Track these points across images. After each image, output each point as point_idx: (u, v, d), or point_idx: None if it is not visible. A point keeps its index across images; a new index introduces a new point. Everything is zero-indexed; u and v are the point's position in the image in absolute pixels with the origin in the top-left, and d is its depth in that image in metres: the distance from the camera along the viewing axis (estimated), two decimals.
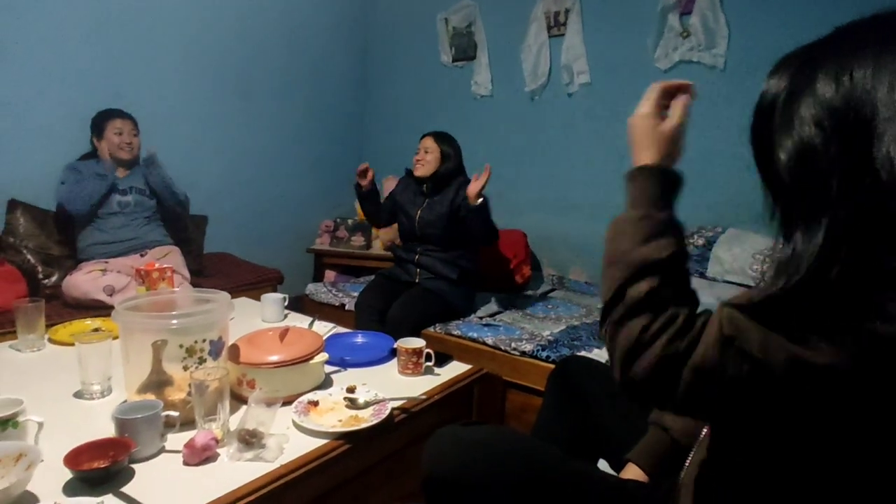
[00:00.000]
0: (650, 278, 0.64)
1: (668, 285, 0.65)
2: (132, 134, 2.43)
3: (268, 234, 3.38)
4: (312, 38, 3.47)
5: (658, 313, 0.62)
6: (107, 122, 2.38)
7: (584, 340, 2.02)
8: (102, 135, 2.38)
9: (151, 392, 1.16)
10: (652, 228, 0.69)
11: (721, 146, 2.56)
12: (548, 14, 2.99)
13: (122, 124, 2.40)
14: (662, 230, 0.69)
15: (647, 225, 0.69)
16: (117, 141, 2.38)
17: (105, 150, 2.38)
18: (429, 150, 2.36)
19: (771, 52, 2.49)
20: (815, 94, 0.58)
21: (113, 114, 2.41)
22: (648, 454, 0.98)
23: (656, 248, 0.66)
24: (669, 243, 0.67)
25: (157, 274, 1.65)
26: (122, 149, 2.39)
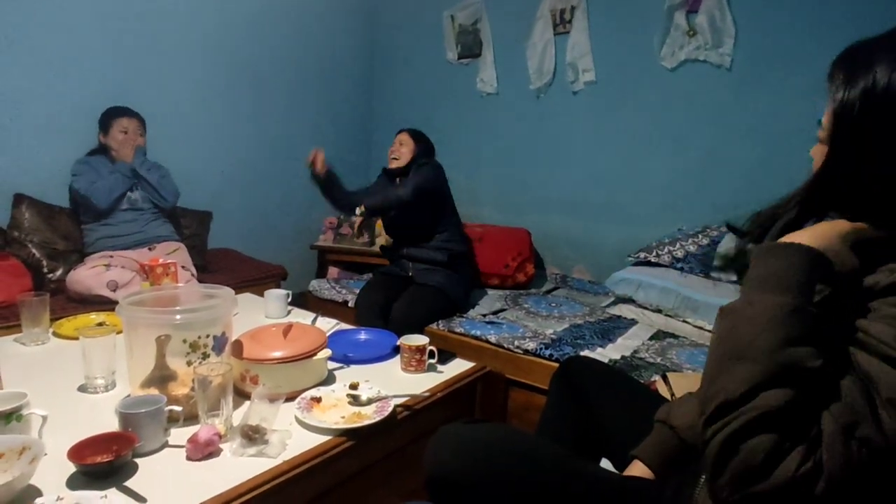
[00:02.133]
0: (792, 388, 0.56)
1: (812, 399, 0.57)
2: (137, 133, 2.44)
3: (272, 230, 3.38)
4: (319, 35, 3.46)
5: (795, 433, 0.55)
6: (114, 119, 2.40)
7: (588, 339, 2.01)
8: (108, 132, 2.39)
9: (155, 387, 1.16)
10: (805, 327, 0.59)
11: (727, 145, 2.55)
12: (554, 12, 2.98)
13: (129, 123, 2.41)
14: (815, 331, 0.60)
15: (802, 321, 0.60)
16: (122, 139, 2.39)
17: (112, 147, 2.39)
18: (403, 143, 2.44)
19: (778, 52, 2.49)
20: None
21: (120, 112, 2.42)
22: (656, 451, 0.97)
23: (808, 355, 0.58)
24: (820, 351, 0.58)
25: (161, 269, 1.66)
26: (126, 148, 2.40)
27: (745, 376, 0.58)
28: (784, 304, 0.61)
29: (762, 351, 0.58)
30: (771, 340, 0.59)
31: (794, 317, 0.60)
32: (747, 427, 0.57)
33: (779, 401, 0.56)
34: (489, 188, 3.31)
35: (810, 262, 0.64)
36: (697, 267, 2.26)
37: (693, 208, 2.64)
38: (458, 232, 2.49)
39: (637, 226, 2.80)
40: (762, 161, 2.46)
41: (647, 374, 1.71)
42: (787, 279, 0.63)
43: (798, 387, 0.57)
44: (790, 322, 0.59)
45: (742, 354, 0.60)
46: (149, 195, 2.46)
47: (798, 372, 0.57)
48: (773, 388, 0.57)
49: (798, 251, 0.65)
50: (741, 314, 0.63)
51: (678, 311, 2.16)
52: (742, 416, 0.57)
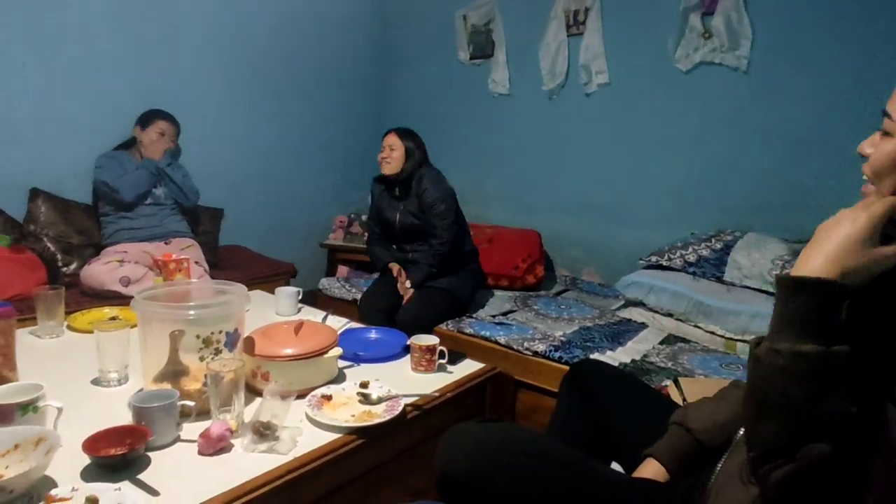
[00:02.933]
0: (834, 440, 0.55)
1: (853, 445, 0.55)
2: (171, 138, 2.53)
3: (282, 228, 3.40)
4: (333, 36, 3.47)
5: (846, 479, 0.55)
6: (154, 120, 2.48)
7: (597, 342, 2.01)
8: (146, 129, 2.47)
9: (168, 381, 1.17)
10: (838, 375, 0.56)
11: (742, 149, 2.53)
12: (567, 12, 2.97)
13: (167, 127, 2.51)
14: (849, 376, 0.57)
15: (834, 369, 0.56)
16: (155, 139, 2.47)
17: (142, 143, 2.46)
18: (394, 148, 2.35)
19: (795, 54, 2.47)
20: None
21: (162, 114, 2.51)
22: (671, 451, 0.97)
23: (845, 402, 0.56)
24: (857, 393, 0.56)
25: (174, 265, 1.67)
26: (157, 147, 2.47)
27: (783, 430, 0.58)
28: (808, 353, 0.57)
29: (795, 406, 0.57)
30: (801, 396, 0.57)
31: (828, 366, 0.57)
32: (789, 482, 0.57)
33: (821, 454, 0.55)
34: (500, 189, 3.30)
35: (822, 297, 0.59)
36: (710, 271, 2.24)
37: (706, 212, 2.62)
38: (464, 233, 2.46)
39: (648, 229, 2.78)
40: (777, 165, 2.44)
41: (658, 378, 1.70)
42: (804, 322, 0.59)
43: (839, 436, 0.56)
44: (822, 371, 0.57)
45: (777, 407, 0.59)
46: (172, 193, 2.51)
47: (835, 425, 0.56)
48: (816, 441, 0.56)
49: (806, 289, 0.59)
50: (772, 365, 0.60)
51: (690, 316, 2.15)
52: (788, 466, 0.57)
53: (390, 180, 2.41)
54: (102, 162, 2.39)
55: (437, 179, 2.36)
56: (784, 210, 2.41)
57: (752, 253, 2.19)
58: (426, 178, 2.34)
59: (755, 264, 2.14)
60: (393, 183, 2.41)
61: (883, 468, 0.56)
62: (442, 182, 2.37)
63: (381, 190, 2.49)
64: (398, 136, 2.38)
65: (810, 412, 0.56)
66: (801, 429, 0.57)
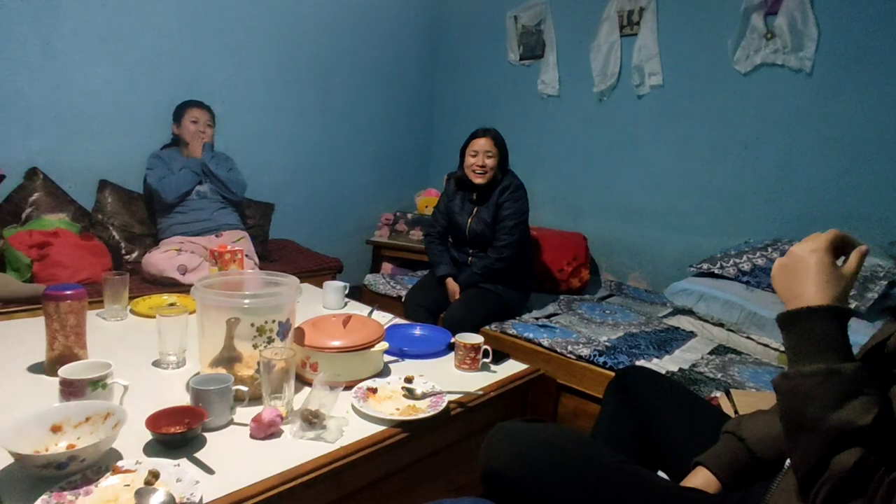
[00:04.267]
0: (856, 448, 0.59)
1: (877, 451, 0.58)
2: (207, 124, 2.58)
3: (330, 224, 3.48)
4: (385, 35, 3.53)
5: (875, 489, 0.57)
6: (185, 110, 2.55)
7: (643, 349, 1.96)
8: (181, 122, 2.54)
9: (223, 367, 1.22)
10: (845, 387, 0.61)
11: (804, 154, 2.42)
12: (621, 13, 2.92)
13: (199, 114, 2.56)
14: (857, 388, 0.61)
15: (839, 383, 0.61)
16: (192, 129, 2.54)
17: (182, 138, 2.54)
18: (490, 154, 2.24)
19: (861, 56, 2.37)
20: None
21: (192, 103, 2.57)
22: (723, 461, 0.94)
23: (857, 413, 0.59)
24: (869, 403, 0.60)
25: (228, 255, 1.74)
26: (196, 137, 2.54)
27: (809, 449, 0.62)
28: (818, 370, 0.63)
29: (814, 423, 0.62)
30: (817, 411, 0.62)
31: (832, 381, 0.62)
32: (832, 495, 0.59)
33: (848, 463, 0.58)
34: (547, 191, 3.28)
35: (831, 321, 0.65)
36: (766, 281, 2.16)
37: (761, 220, 2.52)
38: (527, 250, 2.40)
39: (699, 235, 2.70)
40: (839, 173, 2.32)
41: (707, 389, 1.65)
42: (817, 346, 0.65)
43: (863, 443, 0.59)
44: (828, 387, 0.62)
45: (800, 429, 0.64)
46: (217, 188, 2.58)
47: (854, 431, 0.59)
48: (839, 453, 0.59)
49: (818, 313, 0.66)
50: (787, 390, 0.66)
51: (742, 327, 2.07)
52: (826, 485, 0.60)
53: (469, 183, 2.30)
54: (151, 162, 2.49)
55: (519, 194, 2.27)
56: (844, 219, 2.29)
57: None
58: (511, 190, 2.25)
59: None
60: (472, 186, 2.31)
61: None
62: (523, 198, 2.29)
63: (454, 189, 2.41)
64: (493, 141, 2.25)
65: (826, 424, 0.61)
66: (824, 442, 0.60)
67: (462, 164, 2.34)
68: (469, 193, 2.36)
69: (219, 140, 2.66)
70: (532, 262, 2.46)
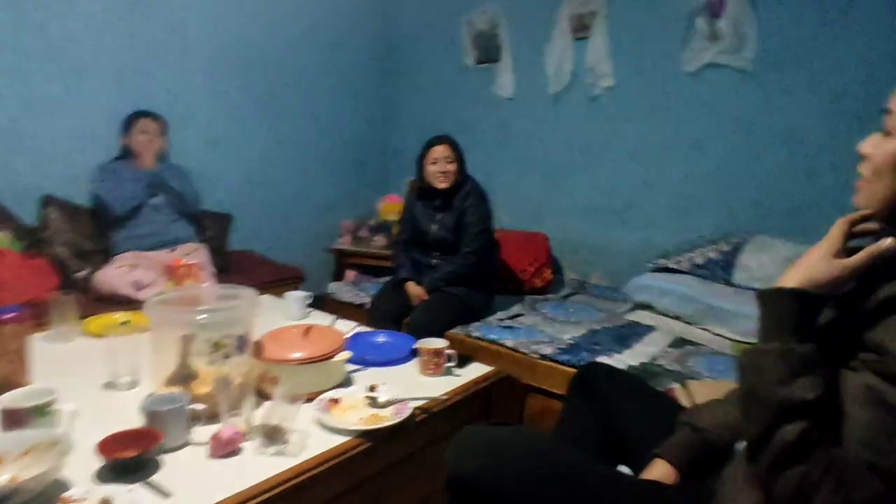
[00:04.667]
0: (799, 421, 0.62)
1: (819, 427, 0.62)
2: (157, 134, 2.50)
3: (290, 232, 3.42)
4: (336, 39, 3.50)
5: (814, 460, 0.60)
6: (135, 121, 2.47)
7: (605, 345, 2.00)
8: (130, 134, 2.46)
9: (178, 385, 1.18)
10: (796, 365, 0.65)
11: (750, 150, 2.52)
12: (573, 17, 2.98)
13: (149, 124, 2.48)
14: (807, 367, 0.65)
15: (791, 361, 0.65)
16: (142, 140, 2.45)
17: (133, 149, 2.45)
18: (451, 160, 2.28)
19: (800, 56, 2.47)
20: None
21: (141, 114, 2.49)
22: (679, 451, 0.97)
23: (804, 389, 0.63)
24: (816, 382, 0.64)
25: (183, 270, 1.69)
26: (147, 148, 2.45)
27: (759, 419, 0.66)
28: (774, 349, 0.67)
29: (765, 395, 0.66)
30: (768, 385, 0.66)
31: (785, 359, 0.66)
32: (778, 464, 0.63)
33: (792, 435, 0.62)
34: (507, 192, 3.30)
35: (793, 304, 0.69)
36: (719, 274, 2.23)
37: (713, 215, 2.61)
38: (492, 254, 2.42)
39: (655, 232, 2.78)
40: (784, 167, 2.43)
41: (666, 381, 1.69)
42: (778, 326, 0.69)
43: (806, 418, 0.63)
44: (781, 363, 0.66)
45: (751, 399, 0.68)
46: (171, 200, 2.50)
47: (798, 406, 0.63)
48: (784, 425, 0.63)
49: (780, 297, 0.70)
50: (744, 363, 0.71)
51: (698, 319, 2.14)
52: (767, 455, 0.64)
53: (431, 190, 2.34)
54: (99, 175, 2.40)
55: (481, 199, 2.32)
56: (792, 213, 2.40)
57: (760, 255, 2.19)
58: (472, 197, 2.29)
59: (763, 267, 2.14)
60: (433, 193, 2.33)
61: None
62: (485, 202, 2.33)
63: (416, 197, 2.42)
64: (451, 147, 2.29)
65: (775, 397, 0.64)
66: (770, 414, 0.64)
67: (421, 174, 2.35)
68: (431, 201, 2.37)
69: (171, 150, 2.58)
70: (495, 264, 2.48)
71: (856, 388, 0.61)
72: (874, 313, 0.63)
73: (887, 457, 0.56)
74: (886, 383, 0.58)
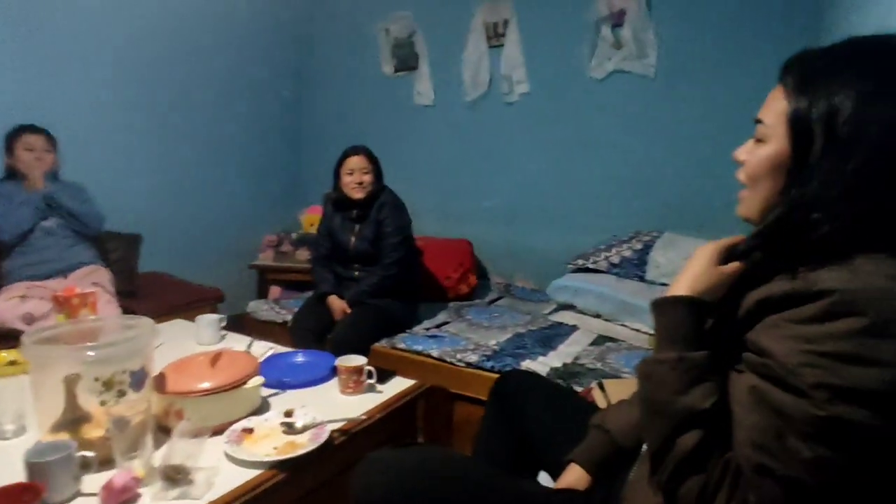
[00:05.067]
0: (697, 430, 0.63)
1: (715, 434, 0.63)
2: (45, 150, 2.28)
3: (207, 250, 3.25)
4: (247, 48, 3.38)
5: (712, 467, 0.61)
6: (17, 137, 2.24)
7: (530, 348, 2.04)
8: (14, 152, 2.23)
9: (66, 431, 1.08)
10: (691, 374, 0.66)
11: (655, 153, 2.66)
12: (487, 25, 3.03)
13: (34, 140, 2.26)
14: (702, 374, 0.66)
15: (685, 370, 0.66)
16: (28, 158, 2.23)
17: (19, 168, 2.24)
18: (366, 171, 2.27)
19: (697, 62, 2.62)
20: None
21: (23, 129, 2.26)
22: (591, 454, 0.99)
23: (699, 398, 0.64)
24: (710, 389, 0.65)
25: (77, 300, 1.56)
26: (34, 166, 2.23)
27: (659, 430, 0.66)
28: (670, 358, 0.68)
29: (663, 406, 0.66)
30: (665, 392, 0.66)
31: (680, 368, 0.67)
32: (679, 472, 0.63)
33: (690, 444, 0.63)
34: (428, 199, 3.30)
35: (685, 311, 0.71)
36: (633, 271, 2.33)
37: (626, 214, 2.73)
38: (414, 264, 2.41)
39: (575, 233, 2.86)
40: (689, 167, 2.58)
41: (586, 380, 1.74)
42: (672, 334, 0.70)
43: (702, 427, 0.63)
44: (676, 373, 0.67)
45: (650, 409, 0.68)
46: (68, 223, 2.30)
47: (696, 415, 0.64)
48: (683, 434, 0.63)
49: (674, 305, 0.72)
50: (642, 373, 0.71)
51: (616, 316, 2.22)
52: (669, 464, 0.64)
53: (348, 201, 2.30)
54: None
55: (398, 209, 2.31)
56: (695, 210, 2.54)
57: (668, 252, 2.30)
58: (388, 206, 2.27)
59: (671, 262, 2.25)
60: (350, 204, 2.30)
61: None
62: (402, 213, 2.32)
63: (333, 210, 2.37)
64: (367, 157, 2.27)
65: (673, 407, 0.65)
66: (669, 424, 0.65)
67: (337, 185, 2.31)
68: (349, 212, 2.33)
69: (67, 170, 2.38)
70: (418, 272, 2.47)
71: (741, 391, 0.62)
72: (751, 316, 0.65)
73: (778, 458, 0.56)
74: (769, 384, 0.59)
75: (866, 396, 0.52)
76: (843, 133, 0.59)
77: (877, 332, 0.53)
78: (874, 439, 0.53)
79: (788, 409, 0.56)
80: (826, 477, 0.55)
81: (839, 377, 0.53)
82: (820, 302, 0.56)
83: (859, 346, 0.53)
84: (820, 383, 0.54)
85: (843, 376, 0.53)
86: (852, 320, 0.53)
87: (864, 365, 0.53)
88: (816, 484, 0.55)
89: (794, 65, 0.68)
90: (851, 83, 0.60)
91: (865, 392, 0.52)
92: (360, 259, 2.31)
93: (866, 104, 0.58)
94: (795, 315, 0.58)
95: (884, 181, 0.58)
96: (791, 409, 0.56)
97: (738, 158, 0.76)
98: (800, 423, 0.55)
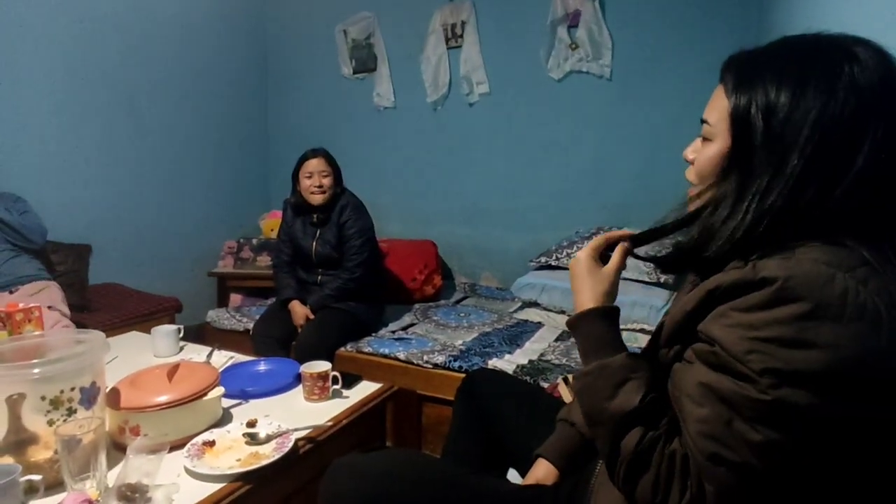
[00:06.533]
0: (636, 428, 0.64)
1: (654, 426, 0.64)
2: None
3: (163, 259, 3.14)
4: (203, 50, 3.28)
5: (658, 462, 0.61)
6: None
7: (497, 347, 2.04)
8: None
9: (11, 454, 1.02)
10: (615, 378, 0.67)
11: (612, 150, 2.72)
12: (445, 26, 3.03)
13: None
14: (625, 375, 0.67)
15: (609, 376, 0.68)
16: None
17: None
18: (326, 174, 2.22)
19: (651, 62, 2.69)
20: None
21: None
22: (558, 449, 0.99)
23: (626, 398, 0.65)
24: (636, 385, 0.66)
25: (21, 315, 1.47)
26: None
27: (603, 438, 0.67)
28: (593, 369, 0.70)
29: (599, 415, 0.67)
30: (598, 401, 0.68)
31: (604, 375, 0.68)
32: (631, 474, 0.63)
33: (632, 444, 0.63)
34: (392, 202, 3.29)
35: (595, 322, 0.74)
36: None
37: (586, 211, 2.78)
38: (377, 266, 2.38)
39: (538, 230, 2.90)
40: (646, 164, 2.64)
41: (553, 376, 1.76)
42: (591, 347, 0.73)
43: (640, 423, 0.64)
44: (602, 380, 0.68)
45: (593, 422, 0.69)
46: (7, 237, 2.18)
47: (628, 414, 0.65)
48: (623, 436, 0.64)
49: (583, 320, 0.75)
50: (577, 388, 0.72)
51: None
52: (621, 469, 0.64)
53: (308, 206, 2.25)
54: None
55: (360, 211, 2.27)
56: (653, 205, 2.59)
57: None
58: (349, 209, 2.24)
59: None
60: (310, 208, 2.26)
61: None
62: (364, 215, 2.29)
63: (293, 214, 2.32)
64: (326, 160, 2.23)
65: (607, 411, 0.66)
66: (610, 429, 0.66)
67: (296, 188, 2.26)
68: (309, 216, 2.29)
69: (6, 180, 2.26)
70: (383, 275, 2.45)
71: (690, 385, 0.62)
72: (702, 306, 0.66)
73: (728, 445, 0.57)
74: (717, 373, 0.60)
75: (809, 378, 0.54)
76: (780, 128, 0.61)
77: (816, 315, 0.54)
78: (818, 420, 0.54)
79: (737, 396, 0.57)
80: (775, 461, 0.56)
81: (783, 361, 0.55)
82: (765, 290, 0.57)
83: (801, 330, 0.54)
84: (766, 369, 0.55)
85: (787, 360, 0.54)
86: (795, 306, 0.55)
87: (805, 348, 0.54)
88: (766, 469, 0.56)
89: (733, 64, 0.69)
90: (786, 80, 0.62)
91: (808, 374, 0.54)
92: (323, 263, 2.27)
93: (800, 99, 0.60)
94: (742, 303, 0.59)
95: (820, 173, 0.60)
96: (739, 396, 0.57)
97: (688, 158, 0.78)
98: (748, 409, 0.56)
